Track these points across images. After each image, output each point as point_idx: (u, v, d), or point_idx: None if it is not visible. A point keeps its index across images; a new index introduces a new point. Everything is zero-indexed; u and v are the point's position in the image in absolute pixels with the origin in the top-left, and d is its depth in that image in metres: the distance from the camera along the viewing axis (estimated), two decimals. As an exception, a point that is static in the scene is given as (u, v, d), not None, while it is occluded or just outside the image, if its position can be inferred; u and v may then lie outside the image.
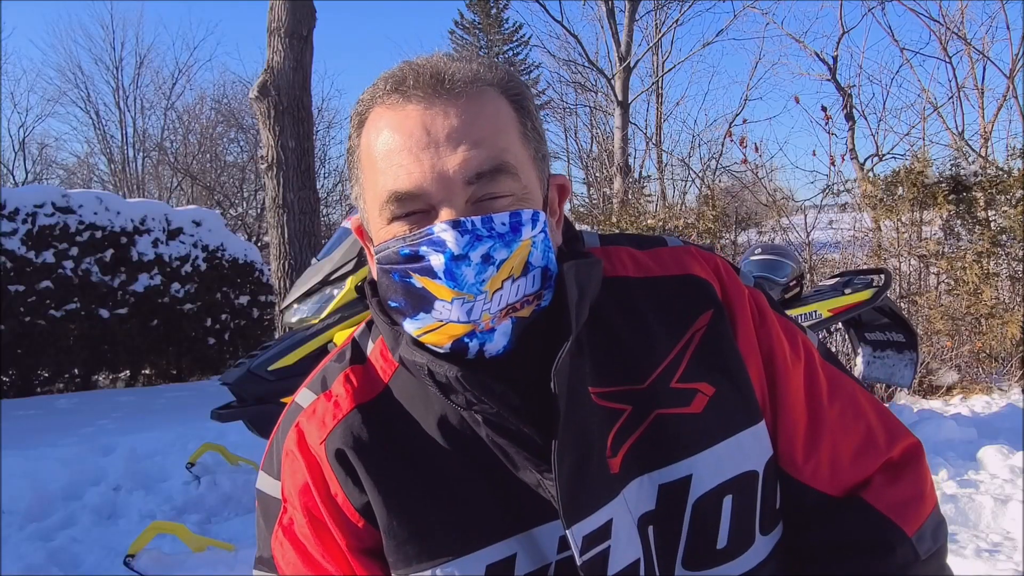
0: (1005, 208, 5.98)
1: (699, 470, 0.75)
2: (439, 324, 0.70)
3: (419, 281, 0.69)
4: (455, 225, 0.67)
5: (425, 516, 0.74)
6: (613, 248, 0.84)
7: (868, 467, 0.81)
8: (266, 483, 0.83)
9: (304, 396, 0.83)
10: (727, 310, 0.80)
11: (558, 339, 0.71)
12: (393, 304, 0.73)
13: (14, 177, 22.62)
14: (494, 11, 26.87)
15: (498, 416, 0.72)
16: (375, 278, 0.79)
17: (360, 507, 0.75)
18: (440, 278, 0.67)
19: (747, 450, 0.77)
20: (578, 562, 0.71)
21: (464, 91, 0.70)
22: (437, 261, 0.67)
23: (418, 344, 0.73)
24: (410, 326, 0.72)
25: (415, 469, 0.75)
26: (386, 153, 0.70)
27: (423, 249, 0.68)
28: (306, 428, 0.79)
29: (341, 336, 3.48)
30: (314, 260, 3.86)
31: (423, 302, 0.69)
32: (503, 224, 0.68)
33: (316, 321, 3.60)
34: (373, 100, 0.74)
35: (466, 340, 0.70)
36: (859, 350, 4.80)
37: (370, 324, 0.85)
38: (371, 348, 0.83)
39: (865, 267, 6.08)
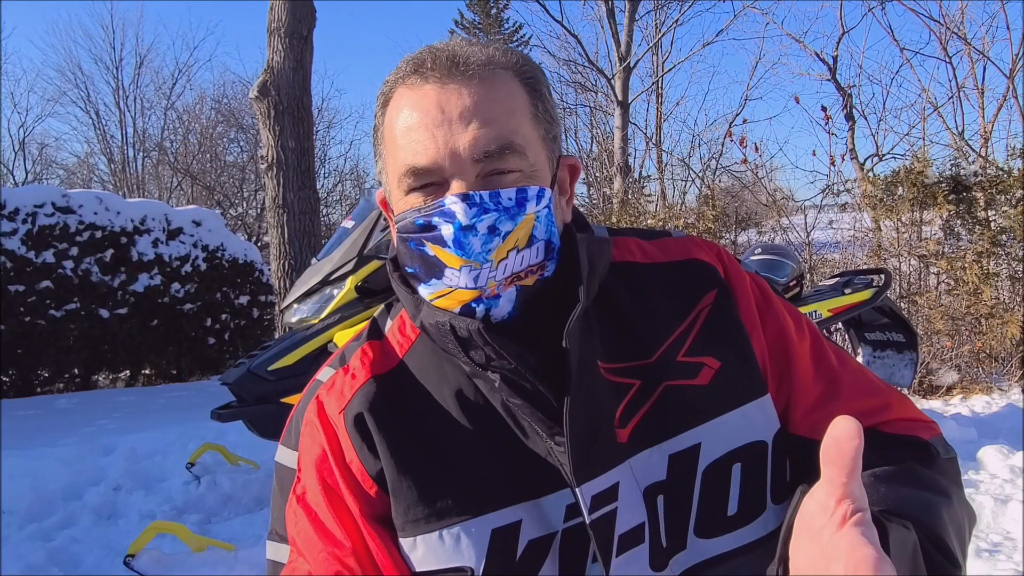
0: (1005, 208, 5.98)
1: (707, 439, 0.78)
2: (449, 290, 0.75)
3: (431, 249, 0.74)
4: (464, 198, 0.72)
5: (434, 480, 0.76)
6: (621, 238, 0.89)
7: (880, 418, 0.84)
8: (284, 456, 0.86)
9: (325, 373, 0.87)
10: (731, 291, 0.84)
11: (567, 310, 0.76)
12: (409, 270, 0.79)
13: (14, 177, 22.63)
14: (494, 11, 26.87)
15: (515, 373, 0.75)
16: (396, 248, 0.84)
17: (374, 474, 0.78)
18: (449, 247, 0.73)
19: (754, 421, 0.80)
20: (587, 520, 0.74)
21: (478, 73, 0.74)
22: (447, 231, 0.72)
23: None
24: (424, 291, 0.78)
25: (427, 436, 0.78)
26: (405, 130, 0.75)
27: (435, 219, 0.73)
28: (326, 400, 0.83)
29: (341, 336, 3.48)
30: (314, 260, 3.86)
31: (435, 269, 0.75)
32: (509, 199, 0.73)
33: (316, 321, 3.60)
34: (396, 81, 0.78)
35: (473, 305, 0.75)
36: (859, 350, 4.81)
37: (389, 306, 0.90)
38: (389, 326, 0.88)
39: (865, 267, 6.08)
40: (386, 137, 0.79)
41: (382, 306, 0.91)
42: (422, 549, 0.76)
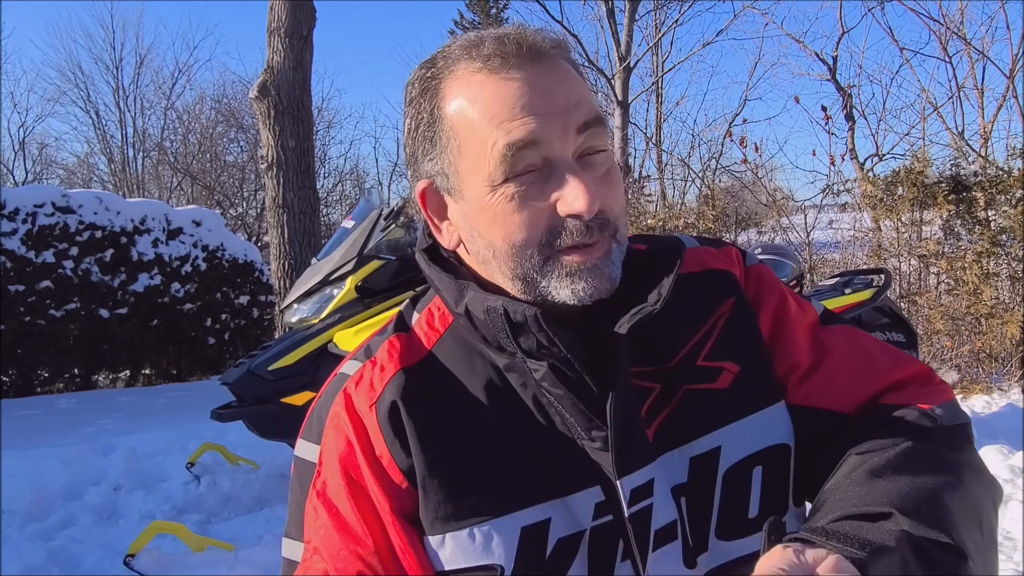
0: (1005, 208, 5.98)
1: (727, 442, 0.78)
2: None
3: None
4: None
5: (465, 476, 0.75)
6: (637, 246, 0.88)
7: (878, 383, 0.82)
8: (305, 449, 0.83)
9: (350, 366, 0.85)
10: (748, 294, 0.85)
11: (609, 305, 0.76)
12: None
13: (14, 177, 22.61)
14: (494, 11, 26.86)
15: (564, 362, 0.74)
16: (438, 242, 0.83)
17: (405, 469, 0.76)
18: None
19: (775, 424, 0.80)
20: (626, 514, 0.74)
21: (553, 56, 0.75)
22: None
23: (488, 291, 0.77)
24: None
25: (457, 431, 0.77)
26: (494, 114, 0.72)
27: None
28: (354, 394, 0.81)
29: (341, 336, 3.49)
30: (314, 260, 3.86)
31: None
32: None
33: (316, 321, 3.60)
34: (456, 67, 0.75)
35: None
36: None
37: (415, 300, 0.89)
38: (415, 319, 0.86)
39: (865, 267, 6.08)
40: (459, 127, 0.75)
41: (407, 300, 0.90)
42: (451, 547, 0.75)
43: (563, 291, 0.73)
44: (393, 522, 0.76)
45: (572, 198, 0.70)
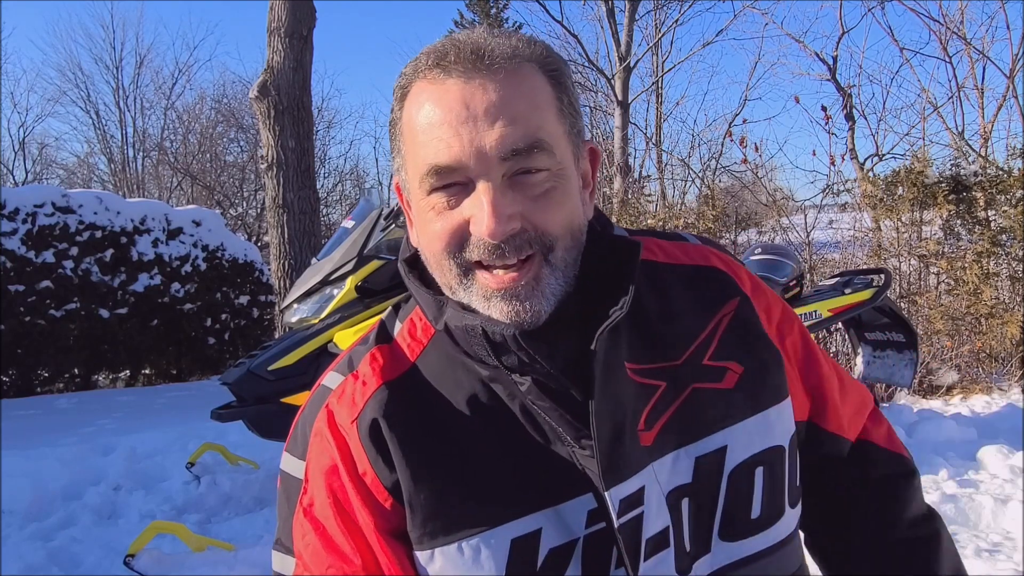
0: (1005, 208, 5.98)
1: (733, 442, 0.78)
2: None
3: None
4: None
5: (452, 490, 0.74)
6: (640, 237, 0.87)
7: (864, 413, 0.95)
8: (290, 464, 0.83)
9: (332, 378, 0.84)
10: (752, 303, 0.86)
11: (592, 308, 0.75)
12: None
13: (14, 177, 22.62)
14: (494, 11, 26.81)
15: (547, 376, 0.73)
16: (414, 246, 0.81)
17: (389, 486, 0.76)
18: None
19: (774, 426, 0.81)
20: (615, 524, 0.73)
21: (503, 67, 0.71)
22: None
23: (467, 309, 0.75)
24: None
25: (443, 444, 0.76)
26: (427, 127, 0.72)
27: None
28: (336, 409, 0.80)
29: (341, 336, 3.48)
30: (314, 260, 3.86)
31: None
32: None
33: (316, 321, 3.60)
34: (415, 73, 0.74)
35: None
36: (859, 350, 4.80)
37: (396, 308, 0.88)
38: (398, 329, 0.85)
39: (865, 267, 6.07)
40: (405, 133, 0.75)
41: (389, 308, 0.89)
42: (440, 561, 0.74)
43: (489, 312, 0.73)
44: (379, 540, 0.75)
45: (477, 221, 0.70)
